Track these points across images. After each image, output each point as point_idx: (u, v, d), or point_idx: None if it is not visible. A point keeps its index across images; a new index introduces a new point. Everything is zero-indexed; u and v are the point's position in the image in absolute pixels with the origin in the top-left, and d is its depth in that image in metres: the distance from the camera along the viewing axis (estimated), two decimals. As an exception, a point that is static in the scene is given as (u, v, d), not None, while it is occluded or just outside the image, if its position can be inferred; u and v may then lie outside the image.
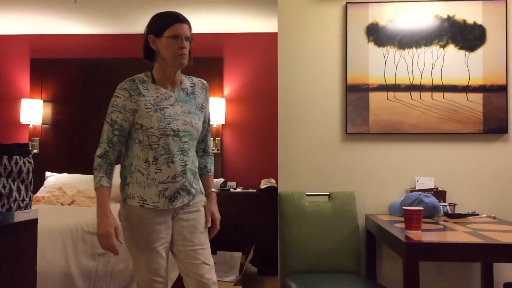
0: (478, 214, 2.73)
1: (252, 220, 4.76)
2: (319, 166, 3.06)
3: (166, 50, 2.01)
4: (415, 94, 2.98)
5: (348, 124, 3.01)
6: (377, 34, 3.00)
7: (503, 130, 2.93)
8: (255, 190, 4.94)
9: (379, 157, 3.04)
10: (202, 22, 5.10)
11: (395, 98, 2.99)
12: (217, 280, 1.94)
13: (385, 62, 3.00)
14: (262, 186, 4.85)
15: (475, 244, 1.91)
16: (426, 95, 2.98)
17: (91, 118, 5.48)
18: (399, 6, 3.00)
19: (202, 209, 2.17)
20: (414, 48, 2.98)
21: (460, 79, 2.96)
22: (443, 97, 2.97)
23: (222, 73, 5.42)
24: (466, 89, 2.95)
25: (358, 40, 3.01)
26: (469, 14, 2.96)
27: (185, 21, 2.04)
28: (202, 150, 2.27)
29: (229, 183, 5.14)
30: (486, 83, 2.94)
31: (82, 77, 5.49)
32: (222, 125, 5.40)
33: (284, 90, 3.09)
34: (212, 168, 2.29)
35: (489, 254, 1.91)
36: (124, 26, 5.21)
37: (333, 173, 3.05)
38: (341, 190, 3.01)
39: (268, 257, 4.65)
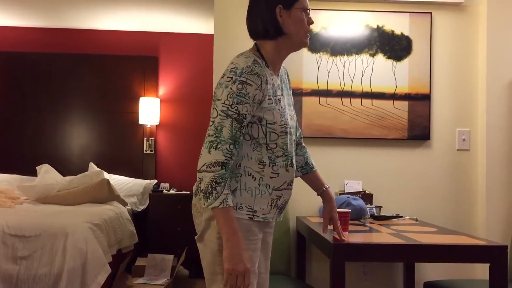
0: (401, 216, 2.86)
1: (185, 222, 4.72)
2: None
3: (296, 25, 1.64)
4: (346, 100, 3.08)
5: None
6: (311, 40, 3.07)
7: (426, 136, 3.09)
8: (188, 192, 4.89)
9: (312, 160, 3.10)
10: (136, 20, 4.99)
11: (327, 103, 3.08)
12: (147, 283, 1.86)
13: (318, 68, 3.08)
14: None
15: (398, 245, 2.00)
16: (356, 101, 3.09)
17: (14, 114, 5.20)
18: (332, 14, 3.09)
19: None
20: (345, 55, 3.08)
21: (387, 87, 3.09)
22: (372, 104, 3.09)
23: (157, 73, 5.34)
24: (393, 96, 3.09)
25: (292, 45, 3.07)
26: (397, 25, 3.10)
27: None
28: (296, 143, 1.89)
29: (162, 185, 5.07)
30: (411, 92, 3.10)
31: (7, 71, 5.20)
32: (156, 125, 5.31)
33: (219, 92, 3.08)
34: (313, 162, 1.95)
35: (411, 254, 2.00)
36: (52, 20, 5.00)
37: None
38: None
39: (200, 260, 4.62)
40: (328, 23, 3.09)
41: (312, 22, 1.69)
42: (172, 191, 4.92)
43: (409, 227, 2.56)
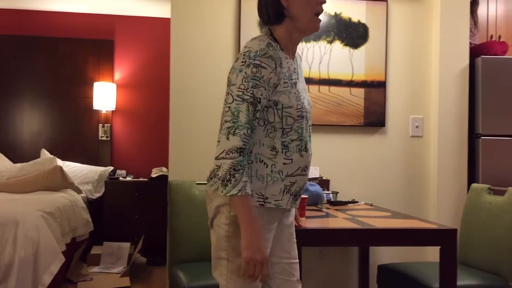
0: (357, 202, 2.92)
1: (142, 210, 4.65)
2: (210, 155, 3.06)
3: (302, 7, 1.56)
4: (304, 87, 3.09)
5: (239, 113, 3.04)
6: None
7: (381, 123, 3.15)
8: (146, 179, 4.82)
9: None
10: (90, 2, 4.83)
11: (285, 89, 3.08)
12: (103, 272, 1.83)
13: (277, 54, 3.07)
14: (154, 175, 4.75)
15: (353, 229, 2.04)
16: (314, 88, 3.10)
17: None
18: (291, 0, 3.08)
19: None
20: (303, 42, 3.09)
21: (344, 74, 3.12)
22: (329, 91, 3.11)
23: (112, 57, 5.20)
24: (350, 84, 3.13)
25: (251, 32, 3.05)
26: (354, 12, 3.13)
27: None
28: None
29: (118, 172, 4.97)
30: (367, 79, 3.14)
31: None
32: (112, 111, 5.19)
33: (176, 78, 3.04)
34: None
35: (365, 238, 2.05)
36: (1, 0, 4.76)
37: (224, 162, 3.06)
38: (232, 179, 3.04)
39: (158, 247, 4.58)
40: (286, 9, 3.07)
41: (322, 2, 1.59)
42: (128, 178, 4.83)
43: (364, 212, 2.61)
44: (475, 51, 3.20)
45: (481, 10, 3.49)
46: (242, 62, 1.52)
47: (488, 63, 3.09)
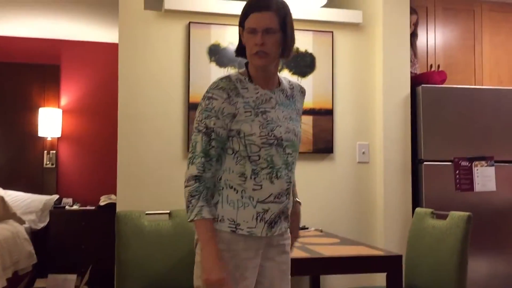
0: (307, 228, 2.95)
1: (89, 239, 4.50)
2: (160, 184, 3.02)
3: (247, 45, 1.66)
4: (254, 115, 3.12)
5: (190, 141, 3.03)
6: (218, 55, 3.09)
7: (329, 150, 3.22)
8: (93, 207, 4.68)
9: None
10: (36, 26, 4.71)
11: (235, 117, 3.10)
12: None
13: (226, 82, 3.09)
14: (102, 203, 4.63)
15: (302, 259, 2.06)
16: (263, 116, 3.14)
17: None
18: (240, 30, 3.13)
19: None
20: (253, 70, 3.13)
21: (293, 102, 3.18)
22: (279, 118, 3.16)
23: (58, 82, 5.07)
24: (299, 111, 3.19)
25: (200, 60, 3.06)
26: (302, 43, 3.21)
27: (265, 7, 1.63)
28: None
29: (64, 200, 4.80)
30: (315, 107, 3.21)
31: None
32: (58, 137, 5.03)
33: (124, 105, 3.00)
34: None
35: (315, 267, 2.07)
36: None
37: (175, 191, 3.03)
38: (182, 208, 3.01)
39: (106, 278, 4.43)
40: (236, 38, 3.12)
41: (257, 43, 1.62)
42: (75, 207, 4.68)
43: (314, 239, 2.64)
44: (416, 80, 3.35)
45: (421, 41, 3.67)
46: (202, 98, 1.65)
47: (428, 92, 3.24)
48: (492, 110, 3.30)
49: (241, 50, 1.73)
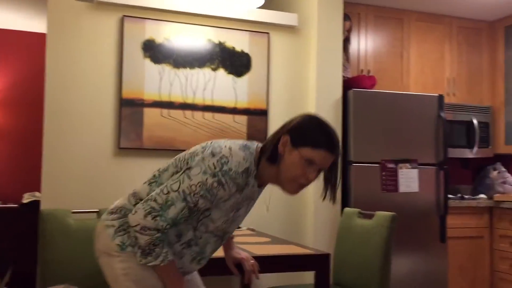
0: (240, 227, 2.96)
1: (11, 239, 4.26)
2: (89, 181, 2.91)
3: (289, 166, 1.51)
4: (188, 113, 3.10)
5: (121, 138, 2.95)
6: (153, 51, 3.03)
7: (263, 150, 3.25)
8: (16, 205, 4.43)
9: (152, 172, 3.04)
10: (-45, 11, 4.40)
11: (169, 115, 3.05)
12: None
13: (161, 79, 3.04)
14: (25, 201, 4.40)
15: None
16: (198, 114, 3.12)
17: None
18: (175, 26, 3.09)
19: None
20: (188, 68, 3.10)
21: (228, 101, 3.19)
22: (213, 117, 3.15)
23: (-20, 72, 4.76)
24: (234, 111, 3.19)
25: (134, 55, 2.99)
26: (238, 42, 3.22)
27: (336, 150, 1.53)
28: None
29: (-17, 198, 4.51)
30: (250, 107, 3.23)
31: None
32: (-22, 130, 4.73)
33: (52, 98, 2.86)
34: None
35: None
36: None
37: (104, 188, 2.94)
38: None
39: (28, 280, 4.22)
40: (170, 34, 3.07)
41: (309, 178, 1.51)
42: (-5, 205, 4.41)
43: (246, 238, 2.66)
44: (347, 84, 3.46)
45: (353, 46, 3.79)
46: (213, 166, 1.48)
47: (358, 96, 3.35)
48: (417, 115, 3.47)
49: (274, 156, 1.53)
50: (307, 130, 1.52)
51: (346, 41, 3.62)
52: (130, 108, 2.96)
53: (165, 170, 1.61)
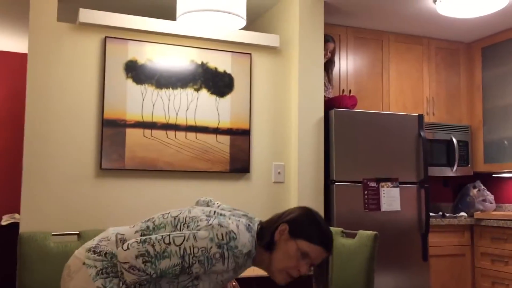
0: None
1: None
2: (69, 202, 2.88)
3: (283, 256, 1.56)
4: (171, 133, 3.09)
5: (103, 159, 2.93)
6: (136, 72, 3.03)
7: (246, 170, 3.25)
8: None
9: (134, 193, 3.03)
10: None
11: (151, 135, 3.05)
12: None
13: (143, 99, 3.04)
14: (4, 222, 4.31)
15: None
16: (180, 135, 3.12)
17: None
18: (158, 47, 3.10)
19: None
20: (171, 88, 3.11)
21: (211, 122, 3.19)
22: (196, 137, 3.15)
23: (-41, 92, 4.70)
24: (216, 131, 3.20)
25: (116, 75, 2.99)
26: (220, 63, 3.24)
27: (331, 250, 1.62)
28: None
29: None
30: (233, 127, 3.24)
31: None
32: (-44, 151, 4.64)
33: (32, 119, 2.84)
34: None
35: None
36: None
37: (85, 210, 2.90)
38: (93, 228, 2.88)
39: (6, 304, 4.11)
40: (153, 55, 3.08)
41: (301, 272, 1.56)
42: (-27, 227, 4.31)
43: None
44: (329, 104, 3.50)
45: (335, 66, 3.84)
46: (220, 237, 1.48)
47: (340, 115, 3.39)
48: (398, 134, 3.52)
49: (271, 244, 1.58)
50: (306, 224, 1.59)
51: (330, 62, 3.67)
52: (112, 129, 2.95)
53: (161, 227, 1.59)
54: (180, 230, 1.55)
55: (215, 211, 1.63)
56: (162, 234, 1.50)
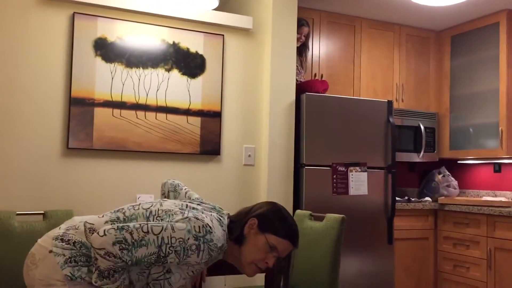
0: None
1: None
2: (34, 182, 2.81)
3: (252, 249, 1.63)
4: (141, 113, 3.05)
5: (70, 138, 2.87)
6: (105, 50, 2.97)
7: (216, 152, 3.25)
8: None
9: (102, 173, 2.98)
10: None
11: (120, 115, 3.00)
12: None
13: (112, 78, 2.98)
14: (-34, 202, 4.20)
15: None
16: (150, 115, 3.08)
17: None
18: (128, 25, 3.04)
19: None
20: (141, 68, 3.06)
21: (182, 103, 3.16)
22: (166, 118, 3.12)
23: None
24: (187, 112, 3.17)
25: (85, 53, 2.92)
26: (192, 43, 3.20)
27: (297, 245, 1.68)
28: None
29: None
30: (204, 109, 3.22)
31: None
32: None
33: (-4, 96, 2.75)
34: None
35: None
36: None
37: (51, 190, 2.85)
38: (59, 208, 2.83)
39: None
40: (123, 33, 3.02)
41: (268, 264, 1.63)
42: None
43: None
44: (301, 88, 3.51)
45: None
46: (198, 229, 1.52)
47: (311, 100, 3.41)
48: (367, 119, 3.57)
49: (240, 238, 1.65)
50: (275, 219, 1.67)
51: (304, 46, 3.67)
52: (80, 108, 2.89)
53: (133, 219, 1.59)
54: None
55: (187, 205, 1.66)
56: (140, 223, 1.50)
